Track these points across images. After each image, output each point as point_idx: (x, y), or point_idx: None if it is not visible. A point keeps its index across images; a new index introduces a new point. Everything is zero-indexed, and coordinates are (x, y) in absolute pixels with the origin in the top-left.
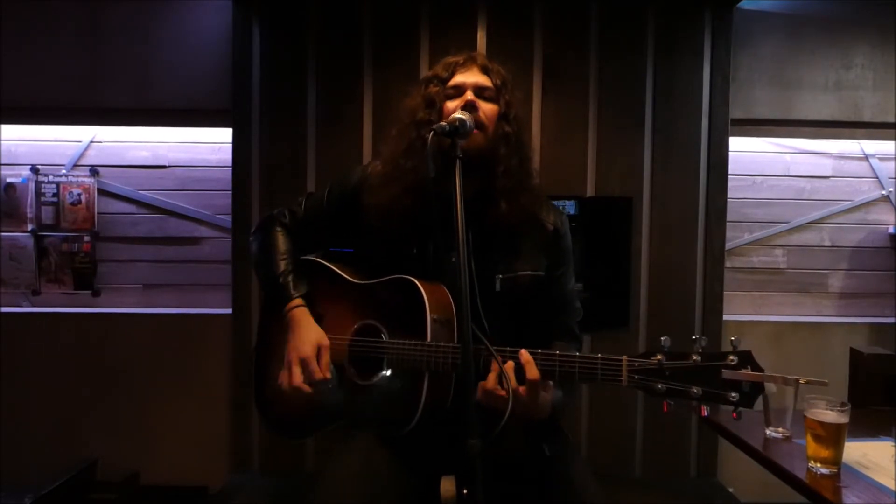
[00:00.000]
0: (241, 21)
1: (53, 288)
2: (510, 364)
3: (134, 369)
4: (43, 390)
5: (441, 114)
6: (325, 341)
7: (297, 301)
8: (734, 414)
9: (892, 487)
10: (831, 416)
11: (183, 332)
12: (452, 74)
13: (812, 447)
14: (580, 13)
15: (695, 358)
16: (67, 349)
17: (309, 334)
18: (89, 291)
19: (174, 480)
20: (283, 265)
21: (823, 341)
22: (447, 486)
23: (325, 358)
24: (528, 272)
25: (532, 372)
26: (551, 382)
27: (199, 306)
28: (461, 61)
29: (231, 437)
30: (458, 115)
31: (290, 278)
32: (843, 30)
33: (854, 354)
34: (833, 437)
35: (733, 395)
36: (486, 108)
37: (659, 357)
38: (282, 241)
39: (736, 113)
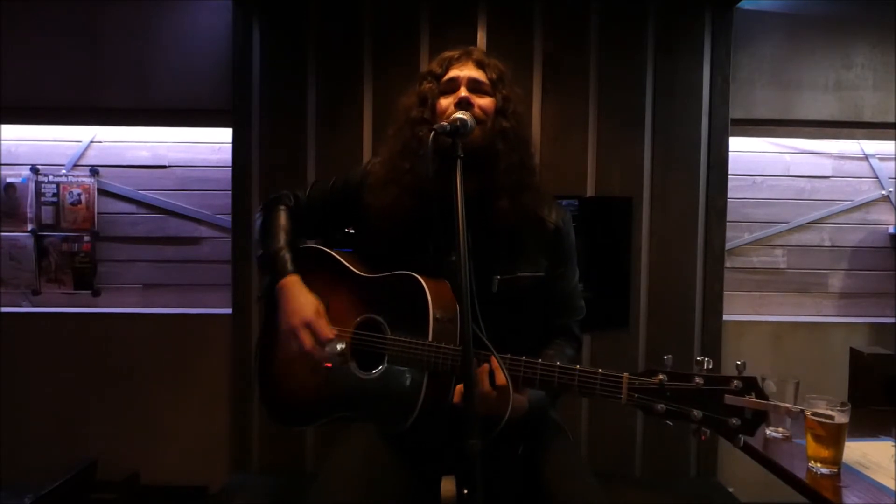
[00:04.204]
0: (241, 21)
1: (53, 288)
2: (485, 367)
3: (134, 369)
4: (43, 390)
5: (434, 111)
6: (321, 306)
7: (292, 275)
8: (735, 442)
9: (892, 487)
10: (831, 416)
11: (183, 332)
12: (447, 70)
13: (812, 447)
14: (580, 13)
15: (698, 380)
16: (67, 349)
17: (307, 298)
18: (89, 291)
19: (174, 480)
20: (282, 240)
21: (823, 341)
22: (447, 486)
23: (325, 320)
24: (528, 273)
25: (500, 379)
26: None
27: (199, 306)
28: (456, 56)
29: (231, 437)
30: (460, 114)
31: (287, 255)
32: (843, 30)
33: (854, 354)
34: (833, 437)
35: (735, 420)
36: (482, 103)
37: (661, 377)
38: (284, 219)
39: (736, 113)
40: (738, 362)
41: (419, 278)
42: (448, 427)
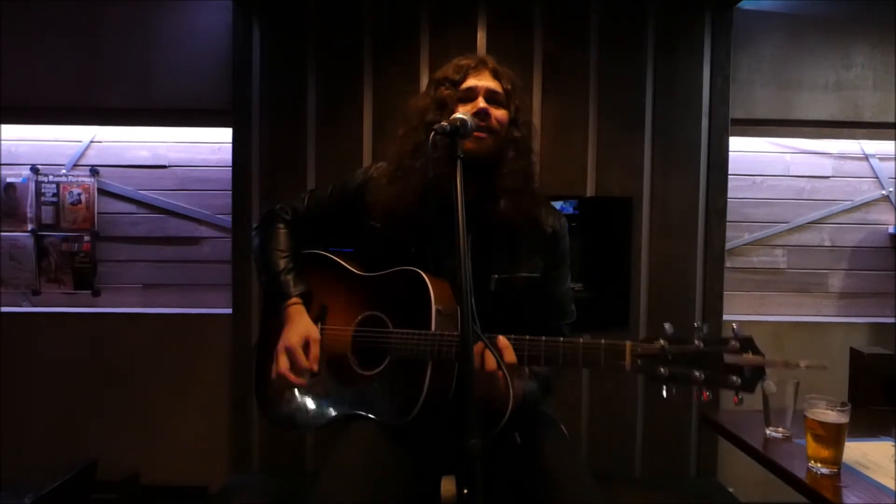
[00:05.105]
0: (241, 21)
1: (53, 288)
2: (490, 354)
3: (134, 369)
4: (43, 390)
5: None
6: (315, 335)
7: (296, 300)
8: (735, 398)
9: (892, 487)
10: (831, 416)
11: (183, 332)
12: (464, 77)
13: (812, 447)
14: (580, 13)
15: (697, 343)
16: (67, 349)
17: (299, 327)
18: (89, 291)
19: (174, 480)
20: (283, 263)
21: (823, 341)
22: (447, 486)
23: (314, 350)
24: (524, 273)
25: (510, 356)
26: (526, 370)
27: (199, 306)
28: (472, 65)
29: (231, 437)
30: (460, 115)
31: (290, 276)
32: (843, 30)
33: (854, 354)
34: (833, 437)
35: (735, 379)
36: (498, 114)
37: (662, 343)
38: (283, 238)
39: (736, 113)
40: (734, 325)
41: (420, 272)
42: (450, 421)
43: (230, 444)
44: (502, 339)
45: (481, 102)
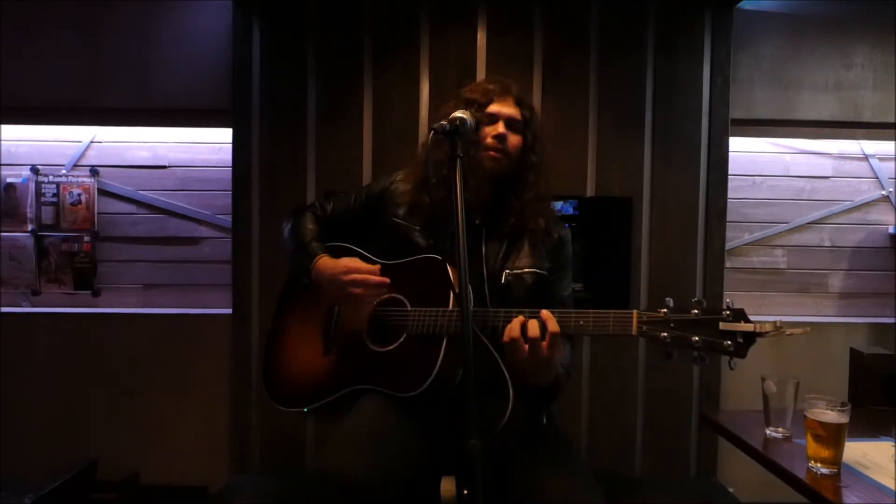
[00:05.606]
0: (241, 21)
1: (53, 288)
2: (534, 322)
3: (134, 369)
4: (43, 390)
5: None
6: (354, 258)
7: (322, 256)
8: (730, 363)
9: (892, 487)
10: (831, 416)
11: (183, 332)
12: (490, 102)
13: (812, 447)
14: (580, 13)
15: (695, 311)
16: (67, 349)
17: (338, 261)
18: (89, 291)
19: (174, 480)
20: (310, 234)
21: (823, 341)
22: (447, 486)
23: (362, 263)
24: (533, 269)
25: (553, 326)
26: (565, 344)
27: (199, 306)
28: (498, 91)
29: (231, 437)
30: (459, 114)
31: (316, 244)
32: (843, 30)
33: (854, 354)
34: (833, 437)
35: (728, 343)
36: (513, 139)
37: (664, 310)
38: (311, 222)
39: (736, 113)
40: (728, 300)
41: (441, 259)
42: (451, 419)
43: (230, 444)
44: (545, 312)
45: (501, 127)
